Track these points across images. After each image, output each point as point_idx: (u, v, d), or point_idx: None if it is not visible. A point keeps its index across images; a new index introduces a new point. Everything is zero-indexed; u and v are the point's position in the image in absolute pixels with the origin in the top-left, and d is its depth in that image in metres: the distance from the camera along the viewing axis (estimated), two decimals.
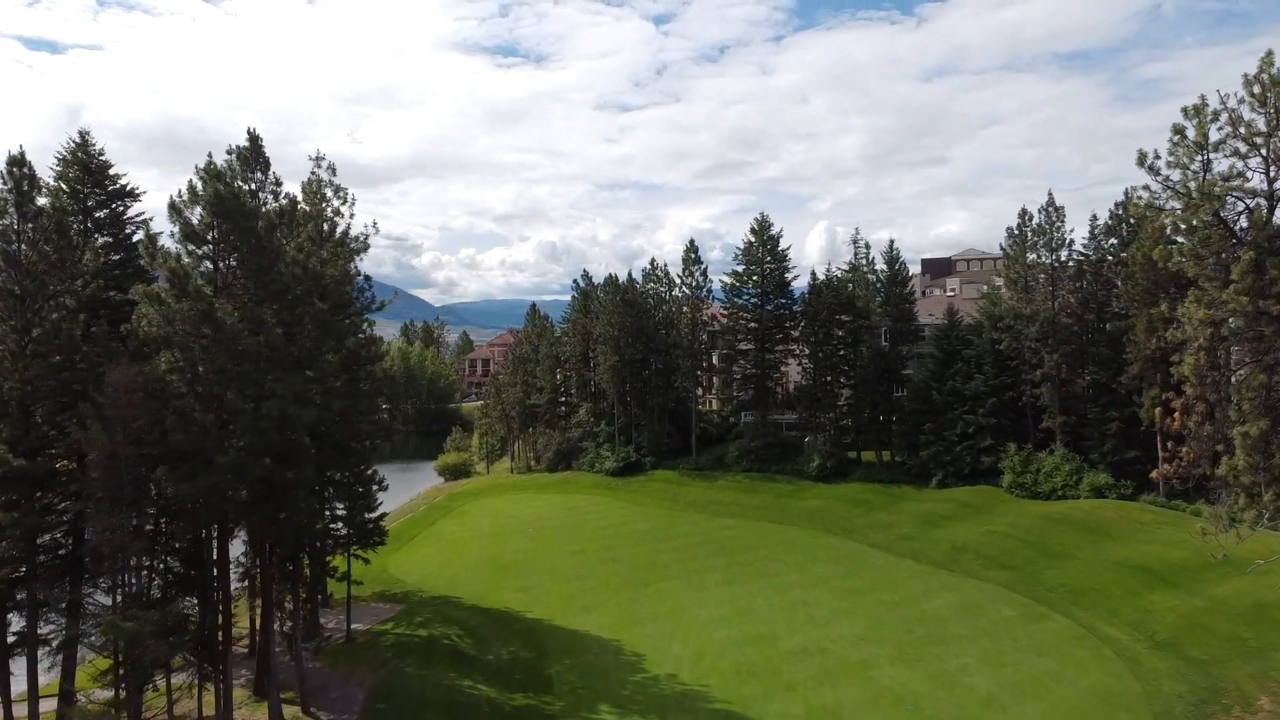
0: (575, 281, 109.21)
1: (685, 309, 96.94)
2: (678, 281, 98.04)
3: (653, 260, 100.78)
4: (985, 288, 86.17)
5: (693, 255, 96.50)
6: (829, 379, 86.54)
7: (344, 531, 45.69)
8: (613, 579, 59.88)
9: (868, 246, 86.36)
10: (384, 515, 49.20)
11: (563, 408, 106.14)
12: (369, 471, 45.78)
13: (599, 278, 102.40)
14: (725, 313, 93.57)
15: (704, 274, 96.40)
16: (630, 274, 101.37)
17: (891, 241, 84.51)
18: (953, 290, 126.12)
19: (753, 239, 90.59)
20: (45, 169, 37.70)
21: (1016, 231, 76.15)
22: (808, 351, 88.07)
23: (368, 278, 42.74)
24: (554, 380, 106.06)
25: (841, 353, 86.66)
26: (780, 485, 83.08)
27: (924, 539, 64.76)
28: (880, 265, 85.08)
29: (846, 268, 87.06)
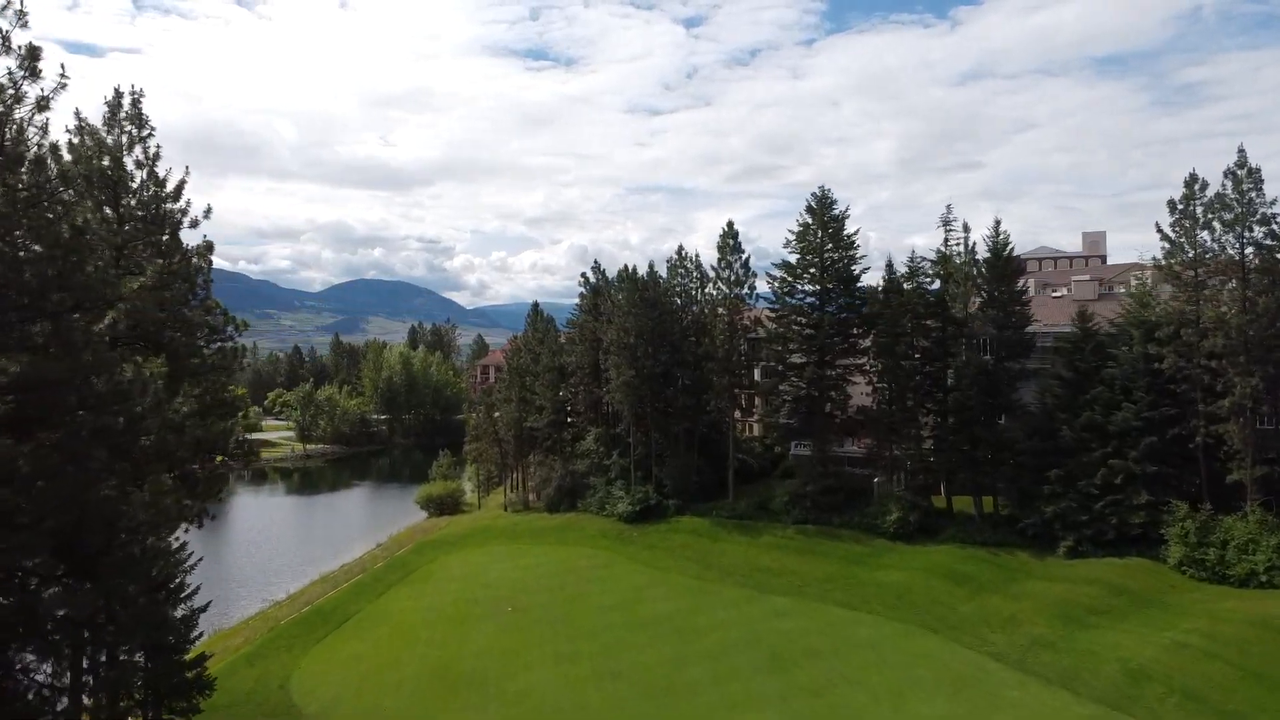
0: (583, 275, 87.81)
1: (721, 310, 76.02)
2: (712, 276, 77.03)
3: (680, 249, 79.27)
4: (1133, 285, 64.59)
5: (731, 243, 75.27)
6: (910, 402, 65.64)
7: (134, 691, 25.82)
8: (610, 717, 39.60)
9: (966, 229, 64.74)
10: (204, 657, 29.38)
11: (568, 431, 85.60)
12: (171, 586, 25.94)
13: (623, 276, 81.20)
14: (773, 316, 72.53)
15: (744, 266, 75.25)
16: (651, 266, 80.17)
17: (998, 223, 63.12)
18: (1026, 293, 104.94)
19: (810, 221, 69.45)
20: None
21: (1181, 205, 54.99)
22: (880, 366, 67.27)
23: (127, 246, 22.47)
24: (556, 397, 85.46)
25: (927, 369, 65.83)
26: (846, 545, 62.46)
27: (1072, 650, 43.78)
28: (983, 252, 63.58)
29: (934, 256, 65.94)
